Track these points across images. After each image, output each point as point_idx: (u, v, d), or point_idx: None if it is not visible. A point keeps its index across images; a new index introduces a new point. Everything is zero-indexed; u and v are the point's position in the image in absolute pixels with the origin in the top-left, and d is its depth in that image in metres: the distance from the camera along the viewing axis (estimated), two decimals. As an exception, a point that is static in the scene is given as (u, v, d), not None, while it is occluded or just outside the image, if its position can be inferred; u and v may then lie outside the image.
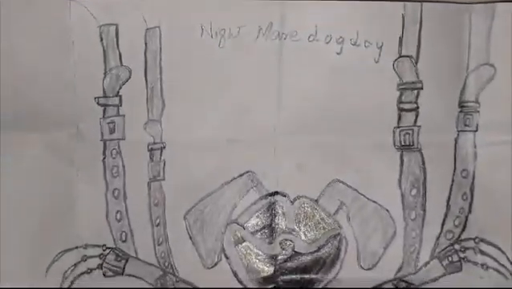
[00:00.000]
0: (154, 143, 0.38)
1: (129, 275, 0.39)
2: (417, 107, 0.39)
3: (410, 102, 0.39)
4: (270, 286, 0.39)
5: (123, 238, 0.39)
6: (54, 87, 0.38)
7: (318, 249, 0.39)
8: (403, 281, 0.39)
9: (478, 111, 0.39)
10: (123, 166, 0.39)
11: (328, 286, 0.39)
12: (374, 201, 0.39)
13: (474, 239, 0.39)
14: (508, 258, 0.39)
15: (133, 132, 0.38)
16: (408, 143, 0.39)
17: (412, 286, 0.39)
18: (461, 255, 0.39)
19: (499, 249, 0.39)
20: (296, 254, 0.39)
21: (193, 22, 0.37)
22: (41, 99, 0.38)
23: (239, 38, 0.37)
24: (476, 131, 0.39)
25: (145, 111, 0.38)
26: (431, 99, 0.39)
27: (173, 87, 0.38)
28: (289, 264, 0.39)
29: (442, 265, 0.39)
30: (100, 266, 0.39)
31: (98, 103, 0.38)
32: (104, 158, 0.39)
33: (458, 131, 0.39)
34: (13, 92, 0.38)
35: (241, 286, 0.40)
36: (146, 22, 0.37)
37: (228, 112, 0.39)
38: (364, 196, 0.40)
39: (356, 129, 0.39)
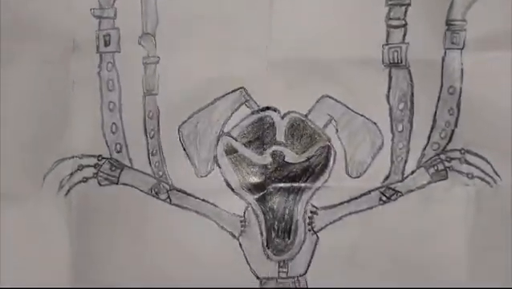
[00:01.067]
0: (148, 56, 0.41)
1: (124, 184, 0.42)
2: (405, 24, 0.41)
3: (398, 18, 0.41)
4: (259, 194, 0.41)
5: (118, 149, 0.41)
6: (42, 3, 0.40)
7: (308, 159, 0.42)
8: (390, 189, 0.41)
9: (465, 30, 0.41)
10: (119, 79, 0.41)
11: (317, 196, 0.41)
12: (362, 115, 0.42)
13: (460, 150, 0.41)
14: (493, 168, 0.41)
15: (128, 46, 0.41)
16: (396, 60, 0.41)
17: (398, 194, 0.40)
18: (447, 165, 0.42)
19: (485, 159, 0.41)
20: (286, 164, 0.42)
21: None
22: (37, 10, 0.40)
23: None
24: (462, 48, 0.41)
25: (140, 25, 0.41)
26: (419, 17, 0.41)
27: (167, 2, 0.40)
28: (279, 173, 0.41)
29: (428, 173, 0.42)
30: (95, 176, 0.41)
31: (93, 15, 0.40)
32: (100, 71, 0.41)
33: (445, 49, 0.42)
34: (11, 3, 0.39)
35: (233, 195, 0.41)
36: None
37: (220, 29, 0.41)
38: (353, 110, 0.42)
39: (346, 46, 0.41)
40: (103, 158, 0.42)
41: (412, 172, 0.42)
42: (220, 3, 0.41)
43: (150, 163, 0.42)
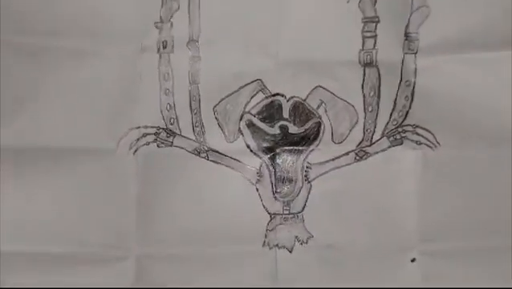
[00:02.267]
0: (193, 56, 0.50)
1: (176, 146, 0.50)
2: (375, 35, 0.50)
3: (371, 31, 0.50)
4: (270, 154, 0.51)
5: (172, 122, 0.50)
6: (124, 12, 0.49)
7: (305, 131, 0.51)
8: (362, 151, 0.51)
9: (418, 39, 0.49)
10: (172, 73, 0.50)
11: (311, 156, 0.51)
12: (344, 100, 0.51)
13: (412, 125, 0.50)
14: (435, 138, 0.50)
15: (179, 48, 0.49)
16: (369, 61, 0.50)
17: (368, 154, 0.51)
18: (402, 135, 0.51)
19: (429, 131, 0.50)
20: (290, 134, 0.51)
21: None
22: (112, 20, 0.49)
23: None
24: (416, 53, 0.50)
25: (187, 34, 0.49)
26: (385, 30, 0.50)
27: (207, 20, 0.49)
28: (284, 140, 0.51)
29: (389, 141, 0.51)
30: (155, 140, 0.50)
31: (156, 27, 0.49)
32: (159, 66, 0.50)
33: (404, 53, 0.50)
34: (91, 15, 0.49)
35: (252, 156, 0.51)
36: None
37: (243, 37, 0.50)
38: (338, 96, 0.51)
39: (333, 50, 0.50)
40: (161, 128, 0.50)
41: (378, 140, 0.51)
42: (241, 20, 0.49)
43: (194, 132, 0.50)
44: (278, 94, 0.51)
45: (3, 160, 0.49)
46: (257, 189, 0.51)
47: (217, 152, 0.51)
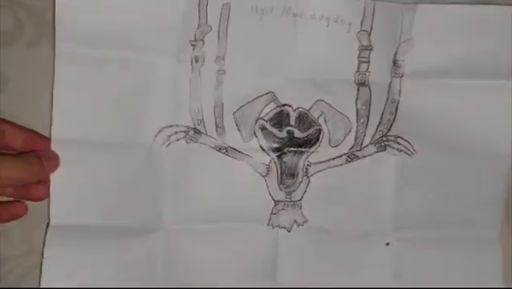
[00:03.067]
0: (219, 70, 0.54)
1: (201, 143, 0.56)
2: (369, 61, 0.55)
3: (365, 57, 0.55)
4: (278, 153, 0.56)
5: (199, 123, 0.55)
6: (167, 31, 0.52)
7: (307, 136, 0.56)
8: (352, 154, 0.57)
9: (404, 66, 0.55)
10: (201, 83, 0.54)
11: (311, 156, 0.57)
12: (340, 112, 0.57)
13: (395, 136, 0.57)
14: (412, 146, 0.57)
15: (208, 63, 0.54)
16: (362, 82, 0.56)
17: (357, 157, 0.57)
18: (386, 143, 0.57)
19: (408, 142, 0.57)
20: (295, 137, 0.56)
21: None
22: (158, 37, 0.52)
23: (272, 15, 0.53)
24: (401, 77, 0.56)
25: (216, 51, 0.54)
26: (377, 57, 0.55)
27: (232, 41, 0.54)
28: (290, 142, 0.56)
29: (375, 147, 0.57)
30: (185, 137, 0.55)
31: (191, 44, 0.53)
32: (191, 76, 0.54)
33: (391, 76, 0.56)
34: (142, 34, 0.52)
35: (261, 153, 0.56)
36: None
37: (260, 58, 0.54)
38: (335, 109, 0.57)
39: (333, 72, 0.55)
40: (190, 128, 0.55)
41: (366, 146, 0.57)
42: (260, 45, 0.54)
43: (216, 132, 0.55)
44: (286, 104, 0.56)
45: (60, 150, 0.52)
46: (265, 181, 0.57)
47: (235, 149, 0.56)
